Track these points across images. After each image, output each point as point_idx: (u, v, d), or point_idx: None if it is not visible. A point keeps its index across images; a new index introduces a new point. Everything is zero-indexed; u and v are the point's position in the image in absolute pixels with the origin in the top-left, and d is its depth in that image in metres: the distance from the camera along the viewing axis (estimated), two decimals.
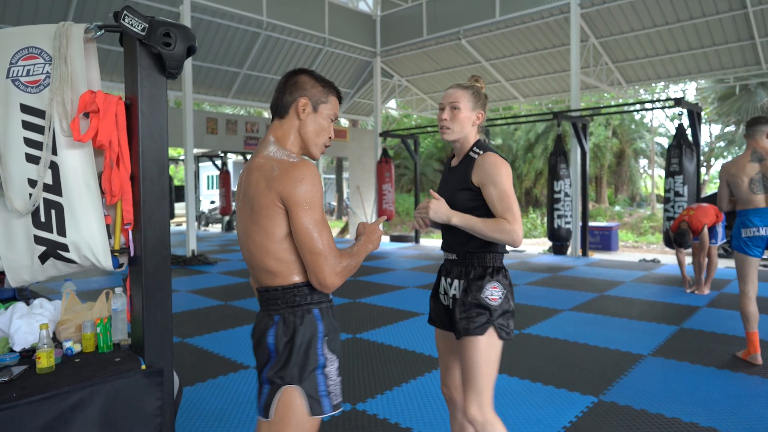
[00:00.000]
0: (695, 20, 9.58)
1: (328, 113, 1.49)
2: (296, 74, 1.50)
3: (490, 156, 1.73)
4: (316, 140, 1.50)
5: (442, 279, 1.88)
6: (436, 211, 1.72)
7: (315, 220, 1.35)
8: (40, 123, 1.88)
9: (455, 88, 1.83)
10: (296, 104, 1.46)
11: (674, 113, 20.73)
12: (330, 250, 1.35)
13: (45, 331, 1.76)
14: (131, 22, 1.88)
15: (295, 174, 1.35)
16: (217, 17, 9.84)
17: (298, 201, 1.34)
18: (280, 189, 1.35)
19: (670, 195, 7.25)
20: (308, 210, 1.34)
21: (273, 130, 1.50)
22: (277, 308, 1.43)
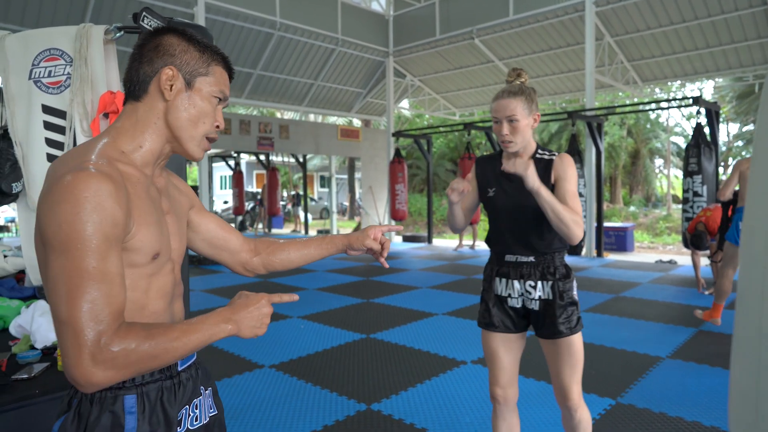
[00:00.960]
0: (713, 17, 9.43)
1: (209, 90, 0.99)
2: (160, 34, 0.99)
3: (568, 157, 1.80)
4: (193, 131, 0.98)
5: (515, 282, 1.83)
6: (534, 173, 1.65)
7: (68, 269, 0.78)
8: (61, 123, 1.91)
9: (507, 98, 1.75)
10: (158, 78, 0.95)
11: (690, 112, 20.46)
12: (96, 322, 0.77)
13: None
14: (150, 23, 1.89)
15: (52, 195, 0.80)
16: (230, 18, 9.91)
17: (48, 239, 0.80)
18: (38, 218, 0.83)
19: (688, 195, 7.14)
20: (60, 254, 0.78)
21: (122, 119, 0.98)
22: (73, 389, 0.92)
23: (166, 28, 1.01)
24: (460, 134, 18.34)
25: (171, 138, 0.99)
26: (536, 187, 1.64)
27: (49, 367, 1.80)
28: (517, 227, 1.81)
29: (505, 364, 1.87)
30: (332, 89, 13.58)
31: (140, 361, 0.80)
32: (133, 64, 0.98)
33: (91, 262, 0.79)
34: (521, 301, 1.83)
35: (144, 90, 0.97)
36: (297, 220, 16.91)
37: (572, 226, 1.66)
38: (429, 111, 15.36)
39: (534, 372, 3.33)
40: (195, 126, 0.98)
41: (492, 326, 1.88)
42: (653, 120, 22.49)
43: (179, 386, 0.97)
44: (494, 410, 1.91)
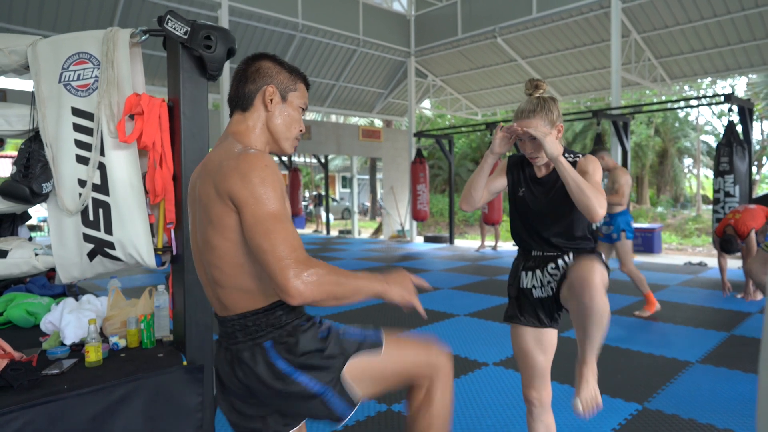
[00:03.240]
0: (747, 11, 9.13)
1: (298, 102, 1.31)
2: (258, 59, 1.30)
3: (593, 156, 1.80)
4: (287, 133, 1.30)
5: (537, 272, 1.82)
6: (554, 141, 1.65)
7: (266, 213, 1.09)
8: (89, 125, 1.95)
9: (526, 119, 1.73)
10: (262, 93, 1.27)
11: (721, 110, 19.88)
12: (291, 249, 1.07)
13: (93, 326, 1.82)
14: (174, 26, 1.92)
15: (241, 167, 1.12)
16: (253, 20, 10.02)
17: (245, 198, 1.10)
18: (227, 188, 1.12)
19: (719, 195, 6.94)
20: (257, 205, 1.09)
21: (233, 125, 1.29)
22: (259, 335, 1.21)
23: (261, 55, 1.32)
24: (482, 134, 18.19)
25: (270, 140, 1.31)
26: (555, 154, 1.63)
27: (78, 363, 1.84)
28: (544, 229, 1.82)
29: (537, 363, 1.83)
30: (354, 90, 13.62)
31: (328, 285, 1.09)
32: (239, 84, 1.29)
33: (275, 208, 1.11)
34: (548, 291, 1.80)
35: (250, 103, 1.28)
36: (318, 220, 17.02)
37: (592, 197, 1.60)
38: (451, 111, 15.27)
39: (557, 375, 3.27)
40: (289, 129, 1.31)
41: (516, 318, 1.86)
42: (682, 118, 21.94)
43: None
44: (529, 412, 1.88)
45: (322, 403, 1.20)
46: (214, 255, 1.18)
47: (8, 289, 2.80)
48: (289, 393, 1.19)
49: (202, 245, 1.23)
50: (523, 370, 1.87)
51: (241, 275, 1.18)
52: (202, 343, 2.03)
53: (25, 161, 2.00)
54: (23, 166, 1.99)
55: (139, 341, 2.06)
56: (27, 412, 1.53)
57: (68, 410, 1.61)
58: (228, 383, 1.26)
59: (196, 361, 1.97)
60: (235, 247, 1.15)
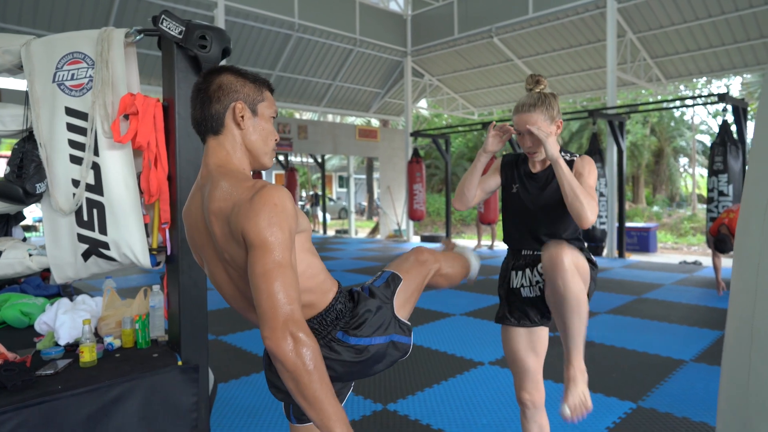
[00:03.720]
0: (741, 12, 9.18)
1: (268, 113, 1.23)
2: (216, 75, 1.20)
3: (589, 158, 1.80)
4: (265, 148, 1.23)
5: (527, 271, 1.81)
6: (554, 142, 1.68)
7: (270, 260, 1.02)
8: (83, 125, 1.95)
9: (526, 113, 1.74)
10: (231, 112, 1.17)
11: (716, 110, 19.96)
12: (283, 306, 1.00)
13: (88, 327, 1.82)
14: (169, 26, 1.92)
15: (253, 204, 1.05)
16: (250, 20, 10.01)
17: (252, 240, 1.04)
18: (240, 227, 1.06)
19: (713, 194, 6.97)
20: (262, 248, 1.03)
21: (212, 155, 1.19)
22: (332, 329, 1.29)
23: (218, 68, 1.21)
24: (479, 134, 18.22)
25: (250, 158, 1.22)
26: (555, 156, 1.65)
27: (72, 364, 1.84)
28: (535, 225, 1.81)
29: (528, 365, 1.82)
30: (350, 89, 13.62)
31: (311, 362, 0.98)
32: (203, 105, 1.18)
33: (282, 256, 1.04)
34: (536, 291, 1.80)
35: (221, 124, 1.18)
36: (315, 220, 17.00)
37: (585, 204, 1.62)
38: (447, 110, 15.29)
39: (551, 374, 3.29)
40: (266, 143, 1.23)
41: (506, 319, 1.86)
42: (678, 118, 22.03)
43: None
44: (523, 413, 1.87)
45: (395, 348, 1.36)
46: None
47: (2, 289, 2.79)
48: (372, 357, 1.31)
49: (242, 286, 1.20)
50: (515, 372, 1.87)
51: None
52: (197, 343, 2.03)
53: (19, 161, 1.99)
54: (17, 167, 1.99)
55: (134, 341, 2.06)
56: (21, 413, 1.52)
57: (62, 411, 1.61)
58: None
59: (191, 361, 1.97)
60: None
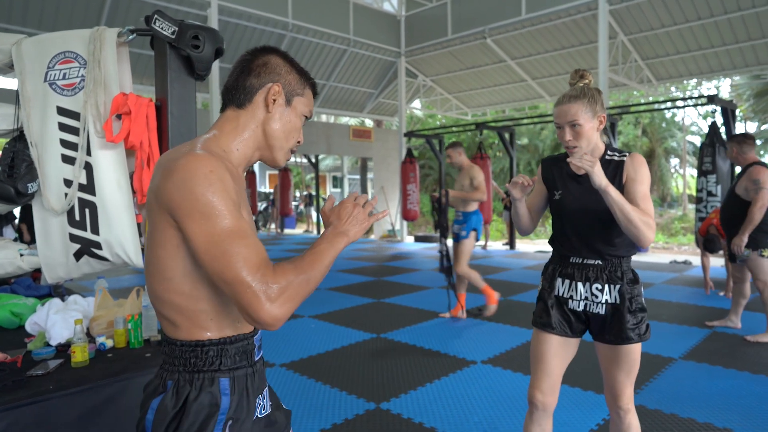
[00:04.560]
0: (730, 15, 9.27)
1: (302, 109, 1.13)
2: (266, 53, 1.12)
3: (640, 156, 1.72)
4: (284, 143, 1.11)
5: (579, 285, 1.77)
6: (601, 171, 1.57)
7: (217, 232, 0.90)
8: (75, 125, 1.95)
9: (569, 103, 1.68)
10: (266, 91, 1.08)
11: (706, 111, 20.15)
12: (252, 270, 0.89)
13: (79, 327, 1.82)
14: (162, 26, 1.93)
15: (180, 174, 0.92)
16: (243, 20, 9.99)
17: (186, 210, 0.91)
18: (165, 199, 0.93)
19: (702, 195, 7.04)
20: (203, 220, 0.90)
21: (221, 121, 1.09)
22: (173, 369, 1.01)
23: (272, 48, 1.14)
24: (473, 134, 18.27)
25: (263, 146, 1.10)
26: (603, 186, 1.57)
27: (64, 364, 1.84)
28: (584, 230, 1.75)
29: (552, 368, 1.79)
30: (344, 89, 13.62)
31: (298, 291, 0.92)
32: (240, 75, 1.10)
33: (229, 223, 0.91)
34: (584, 305, 1.77)
35: (249, 99, 1.08)
36: (309, 220, 16.98)
37: (642, 228, 1.57)
38: (441, 111, 15.32)
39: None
40: (286, 138, 1.11)
41: (549, 327, 1.80)
42: (669, 119, 22.19)
43: (255, 374, 1.08)
44: (530, 413, 1.82)
45: None
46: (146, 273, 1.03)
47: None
48: None
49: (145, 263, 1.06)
50: (535, 372, 1.81)
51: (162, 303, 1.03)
52: None
53: (10, 161, 1.99)
54: (8, 166, 1.98)
55: (126, 341, 2.06)
56: (12, 413, 1.52)
57: (54, 411, 1.61)
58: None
59: None
60: (160, 267, 0.99)
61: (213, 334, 1.01)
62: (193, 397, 0.98)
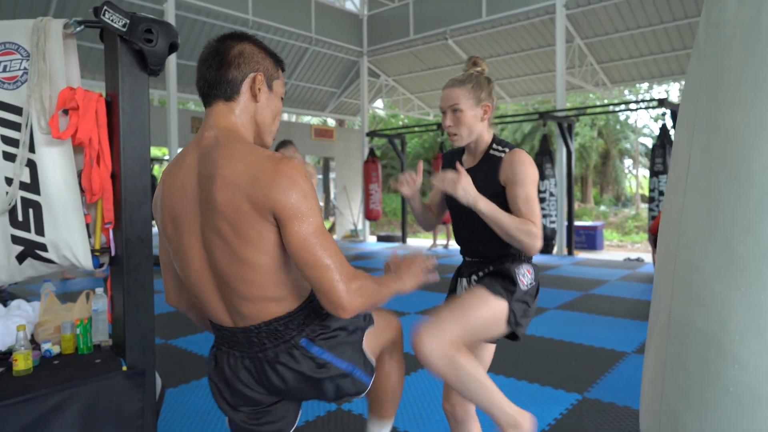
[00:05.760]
0: (678, 21, 9.71)
1: (280, 91, 1.21)
2: (238, 41, 1.16)
3: (520, 154, 1.57)
4: (272, 126, 1.22)
5: (464, 280, 1.72)
6: (466, 189, 1.46)
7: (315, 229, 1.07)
8: (17, 120, 1.84)
9: (451, 87, 1.62)
10: (251, 81, 1.14)
11: (658, 114, 21.03)
12: (340, 264, 1.08)
13: (22, 333, 1.73)
14: (112, 18, 1.85)
15: (284, 180, 1.04)
16: (202, 15, 9.75)
17: (291, 213, 1.05)
18: (270, 203, 1.05)
19: (654, 194, 7.34)
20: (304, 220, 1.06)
21: (219, 117, 1.14)
22: (294, 334, 1.19)
23: (241, 35, 1.18)
24: (435, 134, 18.45)
25: (256, 133, 1.20)
26: (471, 202, 1.47)
27: (5, 373, 1.74)
28: (469, 229, 1.67)
29: None
30: (306, 88, 13.50)
31: (373, 296, 1.14)
32: (220, 68, 1.14)
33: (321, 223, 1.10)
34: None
35: (236, 91, 1.14)
36: None
37: (524, 239, 1.46)
38: (403, 111, 15.40)
39: (502, 369, 3.37)
40: (273, 122, 1.21)
41: None
42: (623, 121, 23.05)
43: None
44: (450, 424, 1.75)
45: (352, 383, 1.27)
46: (244, 269, 1.11)
47: None
48: (329, 378, 1.22)
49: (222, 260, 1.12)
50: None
51: (274, 287, 1.14)
52: (143, 347, 1.96)
53: None
54: None
55: (74, 347, 1.97)
56: None
57: None
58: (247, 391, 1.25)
59: (137, 366, 1.90)
60: (274, 261, 1.11)
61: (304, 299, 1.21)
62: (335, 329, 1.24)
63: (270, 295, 1.15)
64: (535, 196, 1.54)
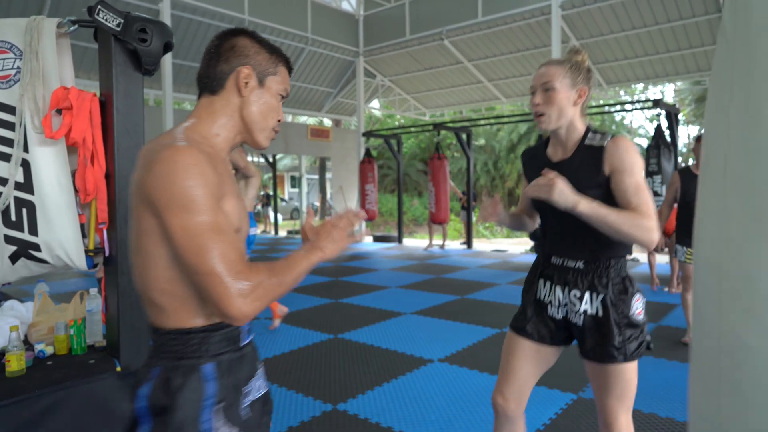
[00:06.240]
0: (672, 23, 9.75)
1: (277, 88, 1.13)
2: (233, 35, 1.11)
3: (625, 141, 1.46)
4: (263, 123, 1.12)
5: (557, 289, 1.58)
6: (563, 191, 1.35)
7: (195, 226, 0.91)
8: (10, 119, 1.83)
9: (547, 66, 1.50)
10: (236, 75, 1.08)
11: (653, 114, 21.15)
12: (228, 266, 0.91)
13: (15, 333, 1.72)
14: (106, 17, 1.84)
15: (161, 166, 0.93)
16: (198, 15, 9.72)
17: (166, 203, 0.92)
18: (146, 191, 0.94)
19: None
20: (182, 213, 0.92)
21: (198, 108, 1.10)
22: (158, 357, 1.02)
23: (239, 30, 1.13)
24: (431, 134, 18.47)
25: (243, 129, 1.11)
26: (571, 206, 1.36)
27: None
28: (565, 226, 1.54)
29: (518, 374, 1.62)
30: (302, 88, 13.48)
31: (270, 293, 0.95)
32: (210, 62, 1.10)
33: (208, 217, 0.93)
34: (563, 312, 1.58)
35: (221, 86, 1.09)
36: (267, 220, 16.71)
37: (638, 235, 1.35)
38: (399, 111, 15.41)
39: (498, 369, 3.37)
40: (265, 119, 1.12)
41: (523, 332, 1.63)
42: (618, 122, 23.12)
43: (244, 358, 1.08)
44: (495, 419, 1.67)
45: None
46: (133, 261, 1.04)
47: None
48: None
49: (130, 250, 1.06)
50: (500, 374, 1.67)
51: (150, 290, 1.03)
52: (137, 348, 1.95)
53: None
54: None
55: (68, 348, 1.96)
56: None
57: None
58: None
59: (131, 367, 1.90)
60: (146, 255, 0.99)
61: (198, 321, 1.01)
62: (178, 384, 0.98)
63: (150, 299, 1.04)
64: (645, 186, 1.44)
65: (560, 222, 1.55)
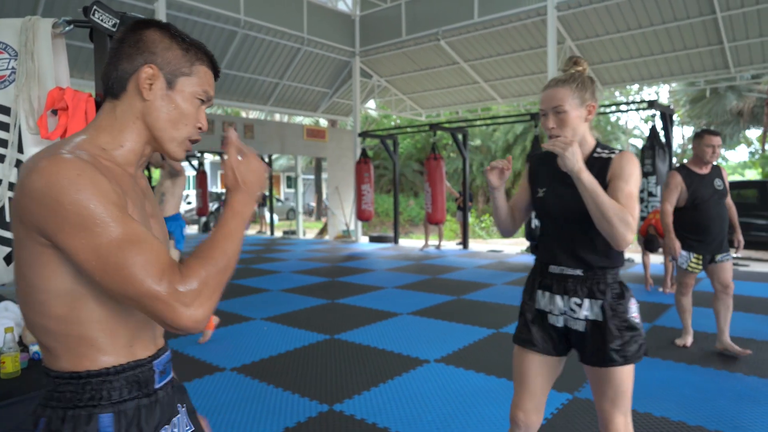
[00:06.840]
0: (667, 24, 9.80)
1: (192, 90, 0.94)
2: (142, 28, 0.93)
3: (631, 155, 1.55)
4: (173, 132, 0.94)
5: (557, 298, 1.62)
6: (575, 153, 1.43)
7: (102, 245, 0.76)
8: (5, 120, 1.83)
9: (555, 88, 1.55)
10: (137, 76, 0.90)
11: (648, 115, 21.24)
12: (158, 278, 0.77)
13: (10, 335, 1.71)
14: (101, 17, 1.84)
15: (37, 182, 0.77)
16: (193, 15, 9.69)
17: (57, 225, 0.76)
18: (25, 212, 0.79)
19: (643, 195, 7.39)
20: (81, 233, 0.76)
21: (98, 117, 0.93)
22: (46, 406, 0.87)
23: (150, 21, 0.94)
24: (427, 135, 18.48)
25: (150, 138, 0.94)
26: (576, 169, 1.42)
27: None
28: (565, 234, 1.60)
29: (535, 388, 1.66)
30: (298, 89, 13.47)
31: (218, 281, 0.82)
32: (111, 60, 0.93)
33: (116, 230, 0.77)
34: (563, 320, 1.62)
35: (122, 88, 0.92)
36: (262, 221, 16.69)
37: (618, 225, 1.41)
38: (395, 111, 15.41)
39: (493, 369, 3.38)
40: (176, 128, 0.94)
41: (530, 344, 1.65)
42: (613, 122, 23.20)
43: (156, 404, 0.93)
44: (512, 430, 1.69)
45: None
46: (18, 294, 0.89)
47: None
48: None
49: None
50: (517, 390, 1.69)
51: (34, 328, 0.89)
52: None
53: None
54: None
55: None
56: None
57: None
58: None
59: None
60: (29, 288, 0.85)
61: (93, 364, 0.85)
62: None
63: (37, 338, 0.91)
64: (637, 196, 1.51)
65: (560, 230, 1.61)
